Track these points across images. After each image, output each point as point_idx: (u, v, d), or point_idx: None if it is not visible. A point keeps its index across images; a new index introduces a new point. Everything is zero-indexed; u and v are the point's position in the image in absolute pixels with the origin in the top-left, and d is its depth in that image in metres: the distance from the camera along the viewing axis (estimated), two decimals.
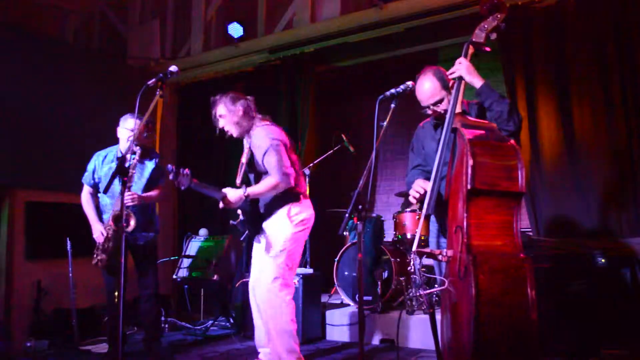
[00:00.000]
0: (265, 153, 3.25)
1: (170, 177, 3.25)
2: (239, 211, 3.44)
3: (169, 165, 3.25)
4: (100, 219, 3.95)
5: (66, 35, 7.81)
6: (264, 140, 3.27)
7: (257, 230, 3.46)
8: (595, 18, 4.40)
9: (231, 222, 3.44)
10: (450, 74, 2.67)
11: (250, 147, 3.38)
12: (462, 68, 2.61)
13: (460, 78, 2.62)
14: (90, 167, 4.05)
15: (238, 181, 3.42)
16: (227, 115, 3.37)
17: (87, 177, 4.04)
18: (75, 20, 7.94)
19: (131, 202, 3.77)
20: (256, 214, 3.43)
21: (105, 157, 4.04)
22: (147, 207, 4.00)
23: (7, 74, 4.97)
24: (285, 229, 3.32)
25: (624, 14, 4.29)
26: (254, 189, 3.24)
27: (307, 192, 3.56)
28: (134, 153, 3.83)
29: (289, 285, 3.36)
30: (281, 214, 3.33)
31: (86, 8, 7.74)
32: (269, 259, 3.31)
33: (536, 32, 4.66)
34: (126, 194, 3.71)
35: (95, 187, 4.04)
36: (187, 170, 3.22)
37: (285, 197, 3.32)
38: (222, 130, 3.42)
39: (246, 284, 3.93)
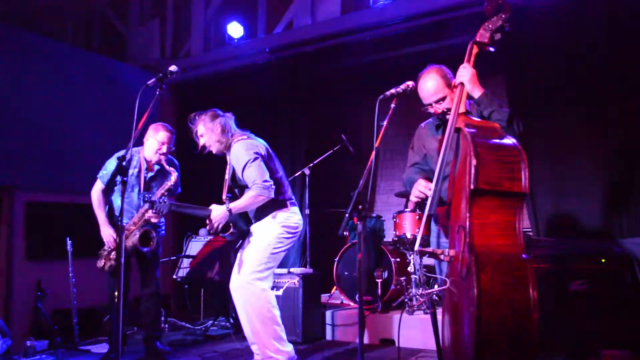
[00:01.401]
0: (244, 167, 3.33)
1: (146, 206, 3.39)
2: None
3: (146, 195, 3.32)
4: (111, 221, 3.93)
5: (66, 35, 7.82)
6: (241, 155, 3.35)
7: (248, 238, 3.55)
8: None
9: (221, 235, 3.49)
10: (456, 80, 2.66)
11: (231, 164, 3.46)
12: (465, 74, 2.61)
13: (462, 83, 2.62)
14: (110, 166, 3.95)
15: (224, 197, 3.48)
16: (206, 133, 3.47)
17: (105, 176, 3.92)
18: (75, 20, 7.94)
19: (155, 219, 3.80)
20: (245, 225, 3.52)
21: (130, 159, 3.91)
22: None
23: (7, 74, 4.97)
24: (272, 229, 3.41)
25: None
26: (237, 204, 3.32)
27: (292, 197, 3.59)
28: (158, 166, 3.86)
29: (266, 279, 3.41)
30: (269, 219, 3.43)
31: (86, 8, 7.74)
32: (251, 252, 3.39)
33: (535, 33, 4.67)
34: (150, 210, 3.72)
35: (110, 187, 4.00)
36: (163, 198, 3.37)
37: (272, 205, 3.41)
38: (202, 147, 3.52)
39: None
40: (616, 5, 4.33)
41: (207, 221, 3.29)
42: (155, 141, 3.90)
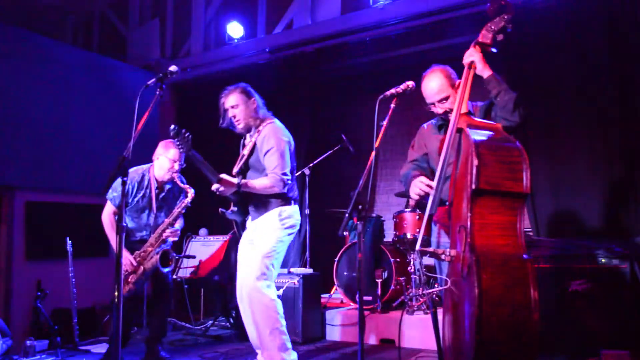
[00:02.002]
0: (268, 150, 3.29)
1: (172, 134, 3.17)
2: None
3: (173, 125, 3.14)
4: (126, 242, 3.83)
5: (66, 35, 7.82)
6: (272, 139, 3.31)
7: (245, 222, 3.50)
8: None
9: (220, 209, 3.45)
10: (465, 58, 2.65)
11: (255, 142, 3.40)
12: (475, 54, 2.61)
13: (472, 63, 2.61)
14: (119, 188, 3.91)
15: (235, 170, 3.43)
16: (241, 106, 3.41)
17: (115, 199, 3.77)
18: (75, 20, 7.95)
19: (173, 238, 3.81)
20: (246, 208, 3.47)
21: (142, 179, 3.86)
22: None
23: (7, 74, 4.97)
24: (276, 230, 3.36)
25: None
26: (249, 183, 3.27)
27: (298, 196, 3.58)
28: (169, 184, 3.86)
29: (272, 284, 3.38)
30: (273, 214, 3.37)
31: (86, 8, 7.75)
32: (257, 258, 3.33)
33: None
34: (168, 230, 3.75)
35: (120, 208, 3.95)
36: (188, 134, 3.17)
37: (280, 199, 3.38)
38: (229, 121, 3.44)
39: None
40: (616, 5, 4.33)
41: (215, 184, 3.18)
42: (166, 159, 3.82)
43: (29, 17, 7.01)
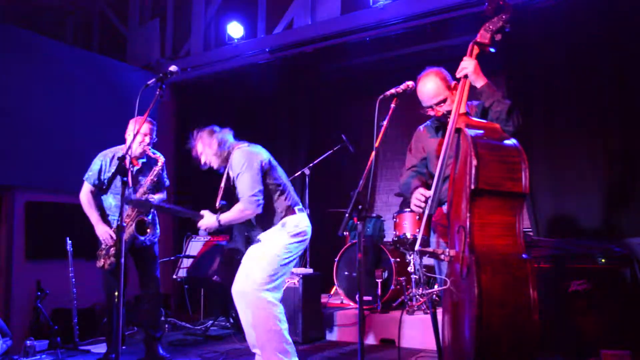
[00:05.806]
0: (236, 177, 3.31)
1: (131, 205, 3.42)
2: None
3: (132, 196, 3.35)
4: (105, 221, 3.94)
5: (66, 35, 7.83)
6: (236, 164, 3.33)
7: (248, 246, 3.51)
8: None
9: (217, 242, 3.46)
10: (458, 72, 2.66)
11: (227, 172, 3.43)
12: (469, 66, 2.61)
13: (466, 76, 2.61)
14: (95, 166, 3.97)
15: (217, 204, 3.44)
16: (204, 150, 3.46)
17: (91, 177, 3.95)
18: (75, 20, 7.95)
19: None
20: (245, 235, 3.52)
21: (113, 157, 3.96)
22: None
23: (7, 74, 4.97)
24: (281, 239, 3.33)
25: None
26: (226, 216, 3.29)
27: (299, 202, 3.54)
28: (143, 158, 3.87)
29: (276, 289, 3.35)
30: (278, 227, 3.37)
31: (86, 8, 7.76)
32: (258, 265, 3.30)
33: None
34: (131, 209, 3.76)
35: (99, 187, 4.01)
36: (146, 197, 3.42)
37: (280, 212, 3.37)
38: (205, 163, 3.51)
39: None
40: (617, 5, 4.33)
41: (199, 223, 3.31)
42: (138, 134, 3.87)
43: (29, 17, 7.01)
